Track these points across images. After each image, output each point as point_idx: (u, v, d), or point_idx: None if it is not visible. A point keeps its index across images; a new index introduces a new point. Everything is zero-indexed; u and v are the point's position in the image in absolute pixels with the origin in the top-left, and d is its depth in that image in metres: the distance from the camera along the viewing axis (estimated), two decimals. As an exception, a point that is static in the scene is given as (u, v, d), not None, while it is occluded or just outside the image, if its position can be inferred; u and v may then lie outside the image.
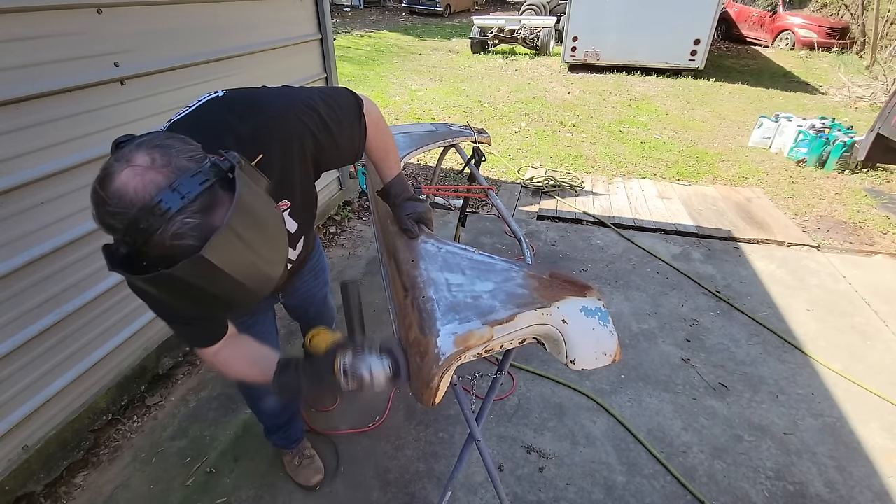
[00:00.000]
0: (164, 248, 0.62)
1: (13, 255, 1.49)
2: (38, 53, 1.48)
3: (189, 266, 0.61)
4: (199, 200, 0.63)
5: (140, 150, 0.63)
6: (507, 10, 17.77)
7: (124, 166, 0.62)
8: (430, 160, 4.53)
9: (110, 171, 0.62)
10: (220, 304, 0.70)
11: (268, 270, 0.72)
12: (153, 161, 0.63)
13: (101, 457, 1.82)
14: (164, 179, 0.62)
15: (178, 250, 0.61)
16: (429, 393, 0.91)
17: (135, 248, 0.63)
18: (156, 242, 0.61)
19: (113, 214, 0.61)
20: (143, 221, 0.60)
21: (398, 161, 1.22)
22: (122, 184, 0.61)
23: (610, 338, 1.00)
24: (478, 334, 0.94)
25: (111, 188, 0.61)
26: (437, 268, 1.12)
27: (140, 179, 0.61)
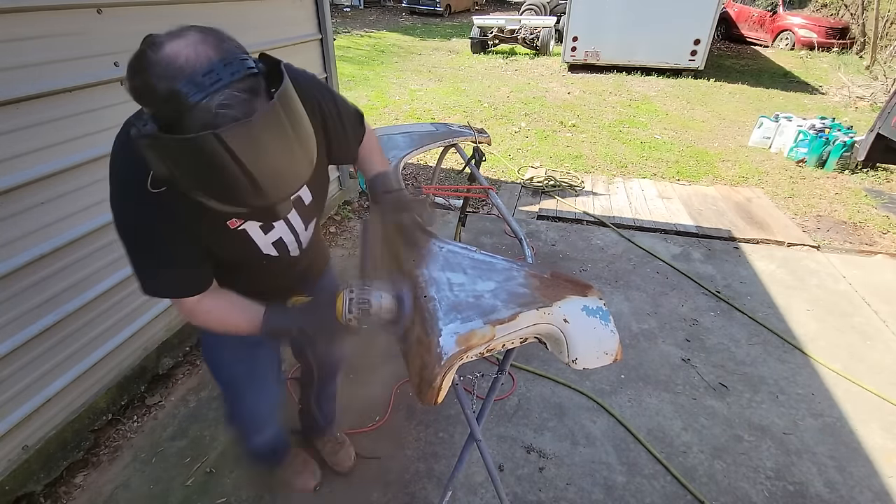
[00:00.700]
0: (209, 115, 0.61)
1: (13, 255, 1.49)
2: (38, 53, 1.48)
3: (237, 130, 0.61)
4: (247, 81, 0.64)
5: (192, 29, 0.65)
6: (507, 10, 17.77)
7: (175, 37, 0.63)
8: (430, 160, 4.53)
9: (159, 40, 0.63)
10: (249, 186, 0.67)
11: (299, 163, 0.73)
12: (205, 38, 0.64)
13: (101, 457, 1.82)
14: (216, 54, 0.63)
15: (222, 119, 0.61)
16: (431, 392, 0.91)
17: (174, 116, 0.62)
18: (201, 109, 0.61)
19: (161, 77, 0.61)
20: (192, 87, 0.61)
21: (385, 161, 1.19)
22: (174, 51, 0.62)
23: (611, 337, 1.00)
24: (480, 333, 0.94)
25: (161, 53, 0.62)
26: (439, 267, 1.12)
27: (193, 49, 0.62)
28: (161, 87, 0.61)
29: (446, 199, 3.81)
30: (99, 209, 1.74)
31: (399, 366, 2.26)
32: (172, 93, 0.61)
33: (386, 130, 2.20)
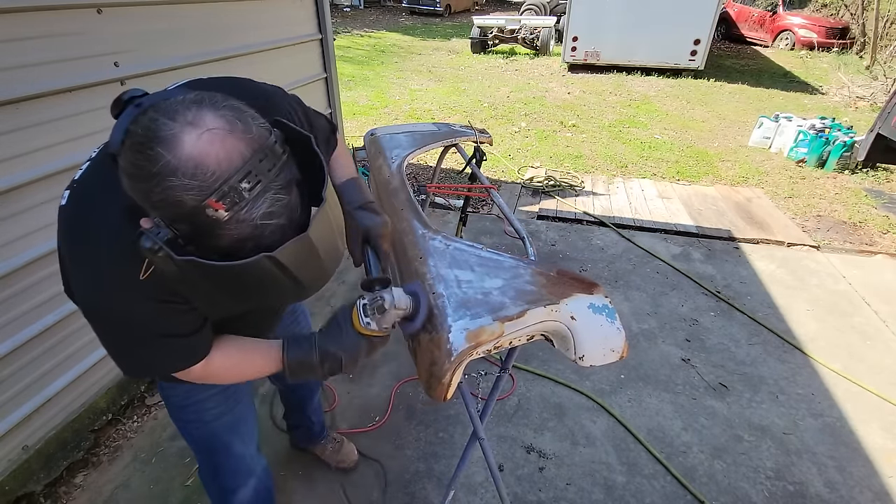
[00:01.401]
0: (250, 229, 0.53)
1: (13, 255, 1.49)
2: (38, 53, 1.48)
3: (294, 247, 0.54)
4: (284, 174, 0.55)
5: (208, 111, 0.52)
6: (507, 10, 17.77)
7: (196, 129, 0.51)
8: (431, 160, 4.53)
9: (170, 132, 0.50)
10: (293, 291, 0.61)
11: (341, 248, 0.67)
12: (232, 126, 0.52)
13: (101, 457, 1.82)
14: (248, 148, 0.52)
15: (266, 231, 0.53)
16: (441, 388, 0.92)
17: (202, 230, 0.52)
18: (240, 223, 0.52)
19: (186, 188, 0.50)
20: (228, 198, 0.50)
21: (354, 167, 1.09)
22: (199, 152, 0.50)
23: (617, 334, 1.01)
24: (489, 330, 0.95)
25: (181, 154, 0.49)
26: (446, 264, 1.12)
27: (222, 146, 0.51)
28: (189, 201, 0.50)
29: (447, 199, 3.81)
30: (99, 209, 1.74)
31: (399, 366, 2.27)
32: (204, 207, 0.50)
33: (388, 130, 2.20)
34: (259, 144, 0.54)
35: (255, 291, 0.61)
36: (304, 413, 1.65)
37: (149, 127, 0.51)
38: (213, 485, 1.24)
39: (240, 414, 1.13)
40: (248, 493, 1.24)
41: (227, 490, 1.22)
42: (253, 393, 2.05)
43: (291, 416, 1.72)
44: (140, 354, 0.75)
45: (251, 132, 0.54)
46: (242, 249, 0.54)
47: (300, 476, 1.76)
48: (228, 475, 1.19)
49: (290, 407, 1.68)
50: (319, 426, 1.75)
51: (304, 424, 1.71)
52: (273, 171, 0.54)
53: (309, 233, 0.55)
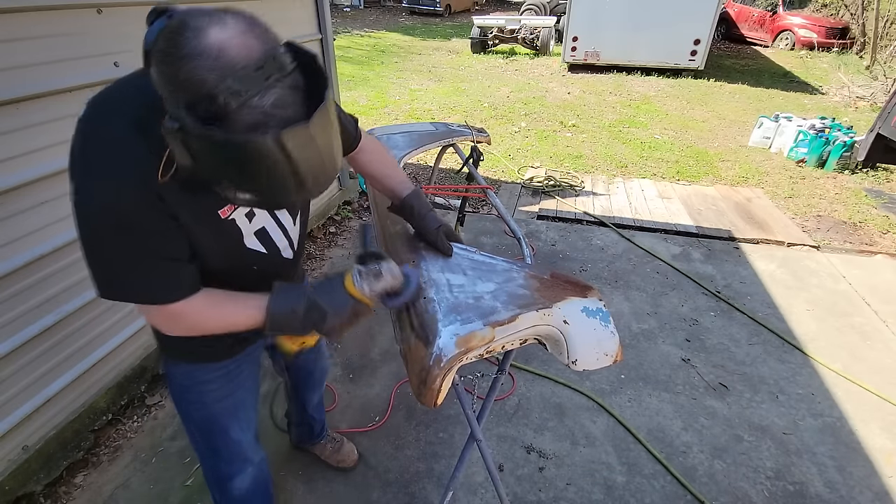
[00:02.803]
0: (260, 114, 0.59)
1: (13, 255, 1.49)
2: (38, 53, 1.48)
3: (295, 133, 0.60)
4: (293, 77, 0.62)
5: (227, 14, 0.61)
6: (507, 10, 17.77)
7: (216, 24, 0.58)
8: (430, 160, 4.53)
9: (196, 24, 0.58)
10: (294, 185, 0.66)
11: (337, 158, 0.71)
12: (250, 27, 0.61)
13: (101, 457, 1.82)
14: (263, 47, 0.60)
15: (276, 120, 0.59)
16: (430, 394, 0.91)
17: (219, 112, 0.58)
18: (252, 108, 0.58)
19: (210, 69, 0.56)
20: (245, 83, 0.57)
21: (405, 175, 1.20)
22: (222, 41, 0.57)
23: (611, 338, 1.00)
24: (480, 335, 0.94)
25: (206, 41, 0.57)
26: (438, 268, 1.12)
27: (242, 40, 0.58)
28: (210, 80, 0.57)
29: (446, 199, 3.81)
30: (99, 209, 1.74)
31: (399, 366, 2.27)
32: (223, 88, 0.57)
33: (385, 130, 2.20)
34: (273, 47, 0.61)
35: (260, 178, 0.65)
36: (307, 410, 1.65)
37: (181, 21, 0.59)
38: (212, 474, 1.25)
39: (240, 399, 1.14)
40: (246, 482, 1.24)
41: (224, 478, 1.23)
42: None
43: (293, 413, 1.71)
44: (123, 269, 0.75)
45: (267, 36, 0.62)
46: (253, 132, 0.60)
47: (300, 476, 1.76)
48: (225, 461, 1.20)
49: (292, 403, 1.67)
50: (320, 425, 1.75)
51: (305, 423, 1.71)
52: (283, 69, 0.61)
53: (310, 122, 0.61)
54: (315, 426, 1.73)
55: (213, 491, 1.29)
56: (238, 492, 1.24)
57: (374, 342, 2.40)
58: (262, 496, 1.33)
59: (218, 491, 1.27)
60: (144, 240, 0.74)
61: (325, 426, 1.79)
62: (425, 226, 1.16)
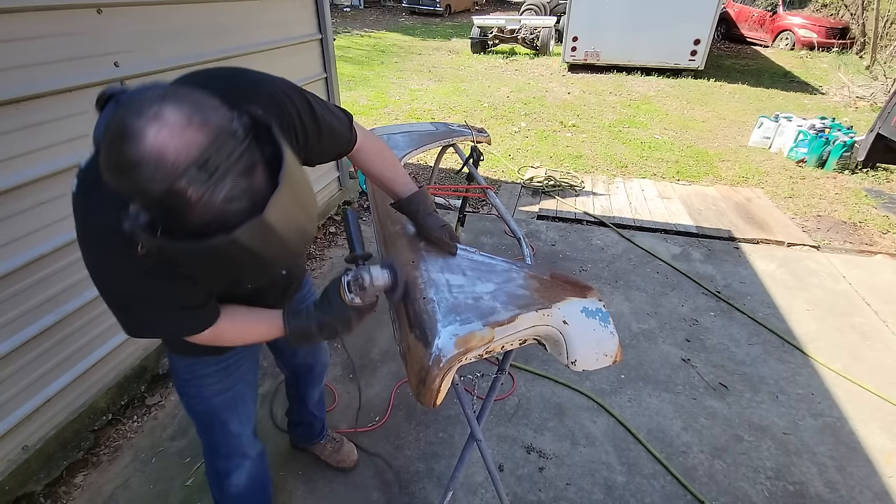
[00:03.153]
0: (213, 212, 0.58)
1: (13, 255, 1.49)
2: (38, 53, 1.48)
3: (251, 229, 0.58)
4: (244, 160, 0.59)
5: (169, 106, 0.57)
6: (507, 10, 17.77)
7: (154, 123, 0.55)
8: (430, 160, 4.53)
9: (134, 128, 0.55)
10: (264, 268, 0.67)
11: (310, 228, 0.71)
12: (189, 118, 0.57)
13: (101, 457, 1.82)
14: (206, 139, 0.57)
15: (229, 215, 0.58)
16: (429, 394, 0.91)
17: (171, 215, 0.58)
18: (203, 207, 0.57)
19: (150, 179, 0.55)
20: (189, 185, 0.55)
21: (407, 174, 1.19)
22: (160, 144, 0.54)
23: (611, 338, 1.00)
24: (479, 336, 0.94)
25: (144, 149, 0.54)
26: (438, 269, 1.12)
27: (180, 138, 0.55)
28: (154, 190, 0.55)
29: (446, 199, 3.81)
30: (99, 209, 1.74)
31: (399, 366, 2.27)
32: (169, 194, 0.55)
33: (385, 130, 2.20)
34: (216, 134, 0.58)
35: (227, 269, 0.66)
36: (307, 408, 1.65)
37: (118, 124, 0.56)
38: (211, 469, 1.28)
39: (239, 393, 1.18)
40: (243, 478, 1.27)
41: (222, 473, 1.26)
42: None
43: (293, 411, 1.71)
44: (148, 322, 0.83)
45: (208, 123, 0.58)
46: (208, 231, 0.58)
47: (300, 476, 1.76)
48: (223, 457, 1.24)
49: (292, 401, 1.68)
50: (320, 424, 1.75)
51: (305, 421, 1.71)
52: (232, 157, 0.58)
53: (264, 215, 0.59)
54: (315, 424, 1.73)
55: (213, 489, 1.32)
56: (235, 489, 1.27)
57: (374, 342, 2.40)
58: (260, 493, 1.36)
59: (217, 488, 1.30)
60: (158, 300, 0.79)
61: (326, 426, 1.79)
62: (428, 226, 1.17)
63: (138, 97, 0.58)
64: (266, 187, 0.62)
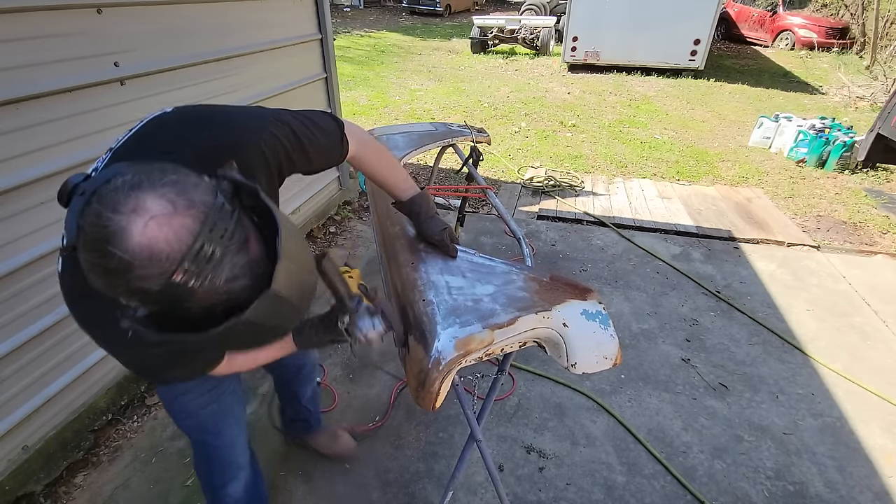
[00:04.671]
0: (217, 295, 0.55)
1: (13, 255, 1.49)
2: (38, 53, 1.48)
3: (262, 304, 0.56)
4: (237, 235, 0.56)
5: (146, 194, 0.52)
6: (507, 10, 17.76)
7: (140, 217, 0.51)
8: (430, 160, 4.53)
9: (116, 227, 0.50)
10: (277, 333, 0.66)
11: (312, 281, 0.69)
12: (174, 204, 0.53)
13: (101, 457, 1.82)
14: (196, 223, 0.53)
15: (233, 294, 0.56)
16: (429, 397, 0.91)
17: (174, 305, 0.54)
18: (205, 292, 0.54)
19: (145, 278, 0.51)
20: (188, 275, 0.52)
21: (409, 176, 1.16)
22: (149, 238, 0.50)
23: (611, 341, 1.00)
24: (479, 338, 0.94)
25: (132, 247, 0.50)
26: (437, 270, 1.12)
27: (169, 228, 0.51)
28: (151, 288, 0.52)
29: (446, 199, 3.81)
30: (99, 209, 1.74)
31: (399, 366, 2.26)
32: (167, 289, 0.52)
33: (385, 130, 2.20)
34: (205, 214, 0.54)
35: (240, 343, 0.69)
36: (301, 403, 1.66)
37: (95, 224, 0.51)
38: (207, 483, 1.29)
39: (226, 404, 1.18)
40: (239, 489, 1.29)
41: (216, 487, 1.28)
42: (251, 392, 2.05)
43: (288, 409, 1.72)
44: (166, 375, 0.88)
45: (194, 205, 0.54)
46: (213, 314, 0.56)
47: (300, 476, 1.76)
48: (217, 470, 1.25)
49: (286, 400, 1.68)
50: (316, 418, 1.77)
51: (301, 417, 1.72)
52: (226, 235, 0.55)
53: (273, 288, 0.56)
54: (311, 419, 1.75)
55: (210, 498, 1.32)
56: (231, 499, 1.29)
57: (374, 342, 2.39)
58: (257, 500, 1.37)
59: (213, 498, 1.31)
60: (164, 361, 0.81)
61: (321, 418, 1.80)
62: (429, 228, 1.17)
63: (108, 189, 0.52)
64: (263, 255, 0.59)
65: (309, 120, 0.92)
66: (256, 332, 0.61)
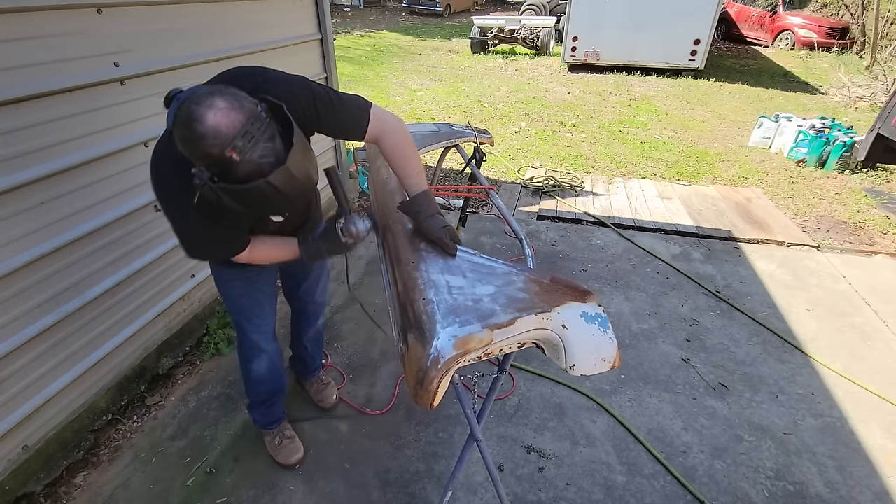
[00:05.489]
0: (253, 165, 0.87)
1: (13, 254, 1.49)
2: (38, 53, 1.48)
3: (279, 174, 0.88)
4: (269, 130, 0.90)
5: (216, 97, 0.86)
6: (507, 10, 17.76)
7: (210, 109, 0.84)
8: (431, 160, 4.52)
9: (198, 113, 0.84)
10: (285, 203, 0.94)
11: (313, 173, 1.01)
12: (231, 105, 0.86)
13: (101, 457, 1.82)
14: (244, 117, 0.86)
15: (263, 166, 0.88)
16: (427, 395, 0.91)
17: (227, 169, 0.87)
18: (247, 163, 0.87)
19: (213, 145, 0.84)
20: (238, 148, 0.85)
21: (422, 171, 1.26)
22: (217, 121, 0.84)
23: (609, 344, 1.00)
24: (478, 338, 0.94)
25: (207, 125, 0.84)
26: (438, 270, 1.12)
27: (228, 118, 0.85)
28: (214, 153, 0.85)
29: (447, 200, 3.81)
30: (98, 209, 1.74)
31: (399, 366, 2.26)
32: (223, 155, 0.85)
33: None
34: (250, 114, 0.88)
35: (263, 204, 0.94)
36: (301, 342, 1.90)
37: (186, 111, 0.86)
38: (241, 355, 1.65)
39: (256, 300, 1.53)
40: (263, 367, 1.63)
41: (246, 358, 1.63)
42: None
43: (291, 343, 1.95)
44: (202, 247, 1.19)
45: (244, 108, 0.88)
46: (250, 179, 0.88)
47: (300, 476, 1.76)
48: (245, 345, 1.61)
49: (292, 334, 1.93)
50: (313, 363, 1.99)
51: (298, 354, 1.97)
52: (261, 129, 0.88)
53: (287, 164, 0.89)
54: (307, 360, 1.97)
55: (242, 371, 1.68)
56: (256, 374, 1.65)
57: (374, 342, 2.40)
58: (276, 380, 1.71)
59: (244, 371, 1.67)
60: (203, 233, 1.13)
61: (320, 366, 2.04)
62: (430, 226, 1.20)
63: (195, 94, 0.87)
64: (283, 148, 0.91)
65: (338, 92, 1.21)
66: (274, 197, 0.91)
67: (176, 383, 2.14)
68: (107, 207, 1.77)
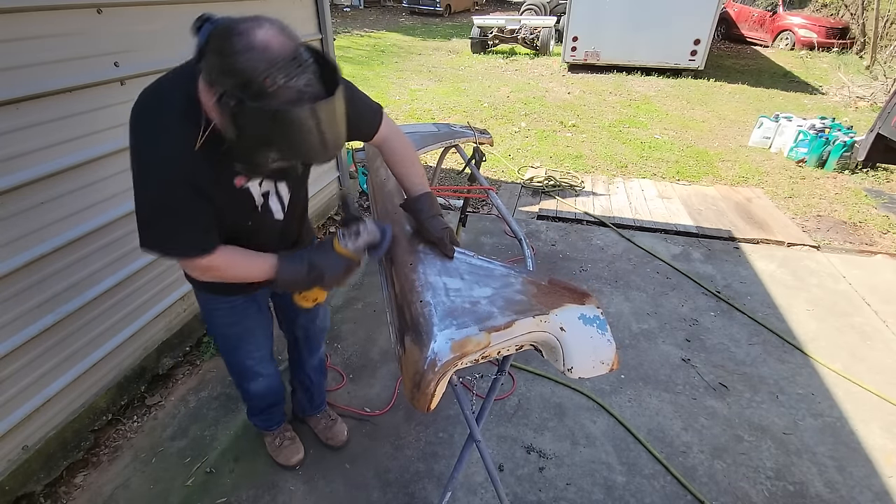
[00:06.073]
0: (296, 91, 0.78)
1: (13, 255, 1.49)
2: (38, 53, 1.48)
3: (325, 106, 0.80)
4: (314, 65, 0.82)
5: (265, 20, 0.79)
6: (507, 10, 17.75)
7: (261, 28, 0.77)
8: (431, 160, 4.52)
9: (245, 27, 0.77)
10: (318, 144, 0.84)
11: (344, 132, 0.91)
12: (283, 29, 0.80)
13: (101, 457, 1.82)
14: (294, 43, 0.80)
15: (305, 95, 0.79)
16: (424, 398, 0.91)
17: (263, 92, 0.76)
18: (290, 88, 0.77)
19: (258, 60, 0.76)
20: (284, 70, 0.77)
21: (424, 175, 1.26)
22: (267, 39, 0.77)
23: (608, 346, 0.99)
24: (475, 340, 0.94)
25: (257, 39, 0.76)
26: (436, 272, 1.12)
27: (279, 38, 0.78)
28: (261, 68, 0.76)
29: (447, 200, 3.81)
30: (98, 209, 1.74)
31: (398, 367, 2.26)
32: (270, 73, 0.76)
33: (386, 130, 2.19)
34: (299, 44, 0.81)
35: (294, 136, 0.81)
36: (304, 371, 1.76)
37: (229, 25, 0.79)
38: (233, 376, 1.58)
39: (247, 328, 1.41)
40: (260, 387, 1.56)
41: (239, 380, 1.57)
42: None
43: (292, 376, 1.81)
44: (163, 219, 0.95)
45: (294, 37, 0.81)
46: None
47: (300, 476, 1.76)
48: (237, 373, 1.55)
49: (292, 365, 1.79)
50: (319, 395, 1.85)
51: (303, 385, 1.80)
52: (309, 61, 0.81)
53: (334, 97, 0.81)
54: (313, 391, 1.82)
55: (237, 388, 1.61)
56: (253, 392, 1.58)
57: (374, 342, 2.40)
58: (275, 393, 1.64)
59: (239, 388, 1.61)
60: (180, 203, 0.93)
61: (324, 399, 1.89)
62: (430, 228, 1.19)
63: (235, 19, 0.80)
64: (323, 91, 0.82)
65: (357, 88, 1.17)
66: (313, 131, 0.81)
67: (176, 383, 2.14)
68: (107, 207, 1.77)
